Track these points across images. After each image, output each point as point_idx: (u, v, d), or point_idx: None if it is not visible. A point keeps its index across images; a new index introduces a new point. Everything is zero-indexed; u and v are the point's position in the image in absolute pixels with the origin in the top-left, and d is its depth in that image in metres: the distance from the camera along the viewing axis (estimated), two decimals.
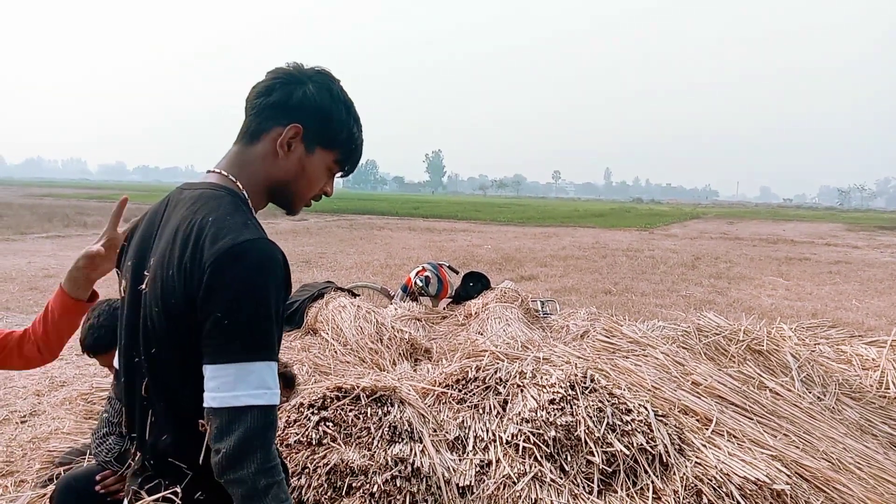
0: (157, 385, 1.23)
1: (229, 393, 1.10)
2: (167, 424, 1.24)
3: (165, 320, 1.17)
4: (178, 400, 1.22)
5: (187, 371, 1.18)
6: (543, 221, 34.84)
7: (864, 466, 2.72)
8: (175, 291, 1.15)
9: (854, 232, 34.03)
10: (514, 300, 5.68)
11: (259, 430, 1.10)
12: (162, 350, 1.20)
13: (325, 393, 2.42)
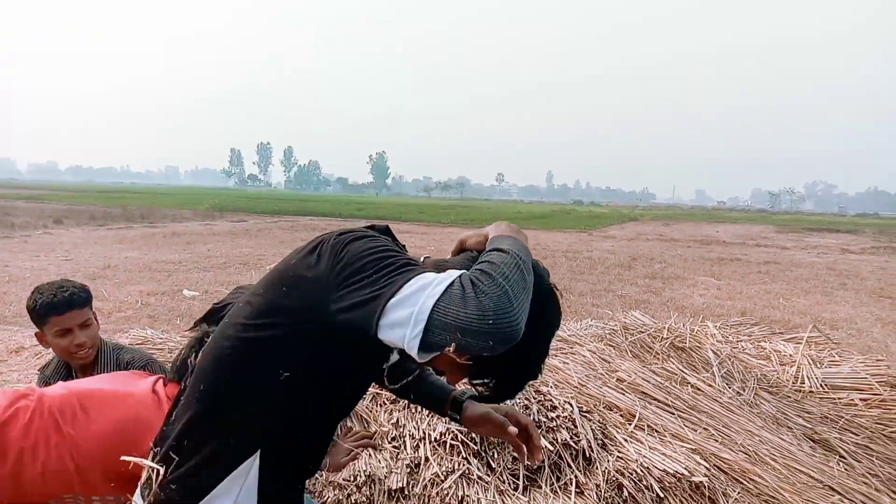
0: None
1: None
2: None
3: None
4: None
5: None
6: (487, 223, 34.92)
7: (778, 458, 2.85)
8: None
9: (783, 234, 35.41)
10: None
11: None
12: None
13: None
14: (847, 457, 2.97)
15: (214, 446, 1.21)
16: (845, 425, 3.12)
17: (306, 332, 1.16)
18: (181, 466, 1.22)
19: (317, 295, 1.14)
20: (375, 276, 1.10)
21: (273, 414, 1.21)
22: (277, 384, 1.18)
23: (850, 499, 2.70)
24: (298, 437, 1.27)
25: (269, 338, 1.18)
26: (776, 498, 2.59)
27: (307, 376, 1.20)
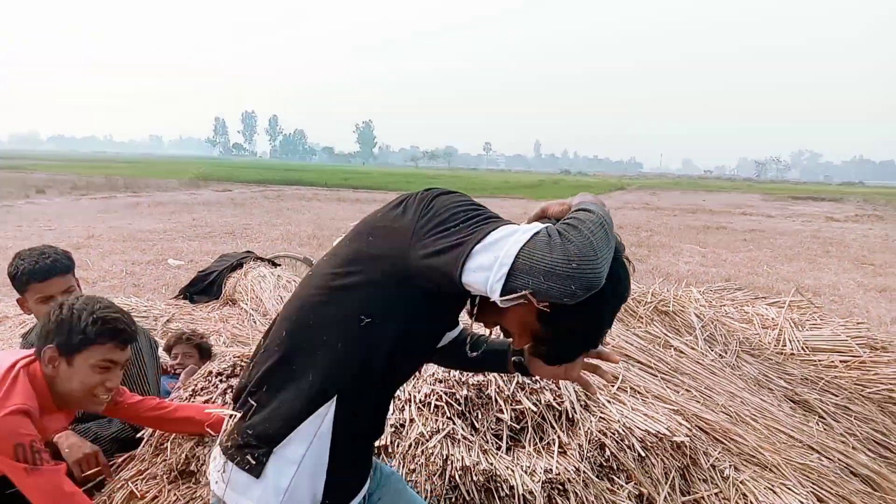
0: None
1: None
2: None
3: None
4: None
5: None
6: (475, 192, 34.77)
7: (759, 418, 2.89)
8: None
9: (769, 202, 35.62)
10: None
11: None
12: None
13: (234, 361, 2.40)
14: (826, 417, 3.02)
15: (293, 391, 1.25)
16: (825, 386, 3.17)
17: (388, 278, 1.21)
18: (259, 412, 1.27)
19: (402, 242, 1.19)
20: (462, 225, 1.15)
21: (351, 360, 1.24)
22: (358, 329, 1.22)
23: (828, 457, 2.75)
24: (373, 387, 1.30)
25: (353, 284, 1.23)
26: (756, 457, 2.64)
27: (385, 323, 1.24)
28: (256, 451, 1.25)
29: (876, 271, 11.83)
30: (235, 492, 1.28)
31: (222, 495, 1.30)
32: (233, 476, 1.28)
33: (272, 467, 1.25)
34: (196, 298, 5.31)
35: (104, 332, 1.85)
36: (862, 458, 2.78)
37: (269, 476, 1.25)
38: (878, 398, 3.18)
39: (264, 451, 1.25)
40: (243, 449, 1.27)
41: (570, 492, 2.19)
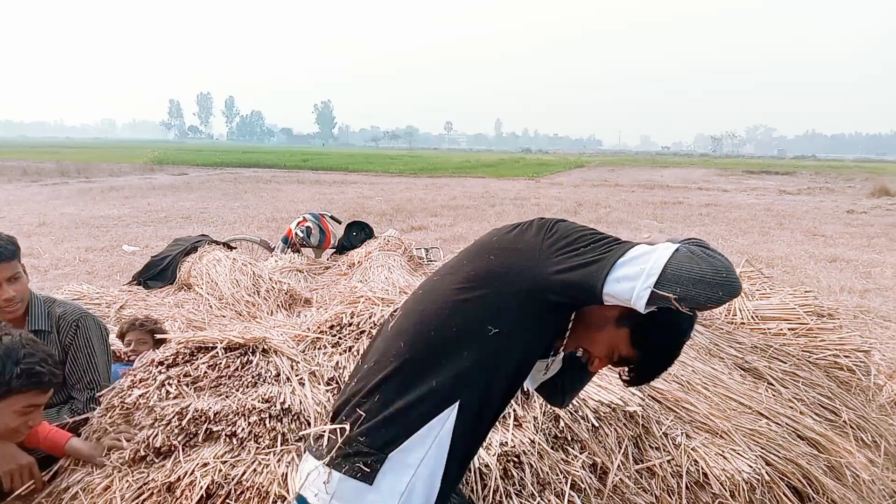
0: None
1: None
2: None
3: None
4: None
5: None
6: (436, 172, 35.00)
7: (710, 386, 2.96)
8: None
9: (724, 177, 36.28)
10: (398, 248, 5.72)
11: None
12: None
13: (177, 349, 2.38)
14: (775, 383, 3.11)
15: (410, 399, 1.29)
16: (774, 354, 3.26)
17: (517, 293, 1.30)
18: (370, 420, 1.30)
19: (529, 261, 1.30)
20: (592, 245, 1.28)
21: (476, 369, 1.31)
22: (486, 339, 1.30)
23: (776, 422, 2.83)
24: (492, 393, 1.35)
25: (480, 297, 1.31)
26: (707, 424, 2.71)
27: (512, 335, 1.31)
28: (369, 458, 1.27)
29: (826, 242, 12.17)
30: (342, 501, 1.28)
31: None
32: (340, 486, 1.28)
33: (387, 473, 1.27)
34: (150, 284, 5.21)
35: (27, 384, 1.82)
36: (808, 422, 2.87)
37: (383, 481, 1.26)
38: (825, 364, 3.29)
39: (378, 457, 1.27)
40: (352, 458, 1.28)
41: (526, 463, 2.22)
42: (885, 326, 6.60)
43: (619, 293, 1.22)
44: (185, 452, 2.14)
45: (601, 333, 1.41)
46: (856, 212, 17.81)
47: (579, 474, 2.26)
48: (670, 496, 2.45)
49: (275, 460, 2.14)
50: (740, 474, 2.48)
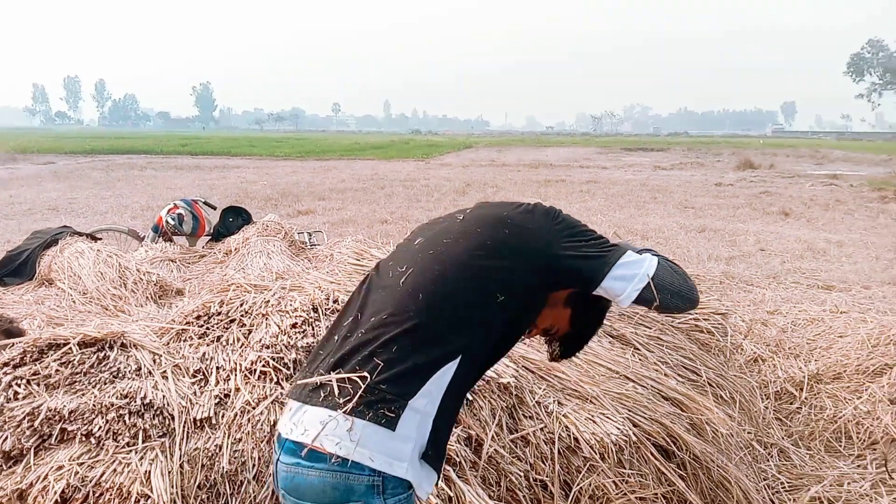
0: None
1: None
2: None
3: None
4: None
5: None
6: (324, 155, 34.43)
7: (580, 354, 3.06)
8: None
9: (604, 154, 37.74)
10: (278, 233, 5.57)
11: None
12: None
13: (24, 348, 2.22)
14: (641, 348, 3.26)
15: (429, 352, 1.39)
16: (640, 320, 3.43)
17: (528, 268, 1.47)
18: (389, 370, 1.36)
19: (540, 240, 1.50)
20: (594, 241, 1.52)
21: (481, 329, 1.45)
22: (494, 304, 1.45)
23: (642, 385, 2.98)
24: (490, 352, 1.53)
25: (495, 267, 1.46)
26: (578, 391, 2.81)
27: (514, 303, 1.47)
28: (393, 405, 1.34)
29: (696, 214, 12.91)
30: (368, 448, 1.32)
31: (349, 454, 1.31)
32: (365, 432, 1.32)
33: (405, 419, 1.35)
34: (7, 281, 4.83)
35: None
36: (672, 384, 3.04)
37: (402, 427, 1.34)
38: (686, 327, 3.49)
39: (400, 403, 1.34)
40: (376, 405, 1.33)
41: None
42: (748, 290, 7.08)
43: (612, 289, 1.48)
44: (37, 456, 2.01)
45: (550, 310, 1.61)
46: (723, 184, 19.01)
47: (454, 448, 2.29)
48: (543, 462, 2.53)
49: (136, 458, 2.05)
50: (609, 437, 2.59)
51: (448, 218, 1.65)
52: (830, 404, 3.92)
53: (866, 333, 4.38)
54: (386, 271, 1.56)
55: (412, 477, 1.37)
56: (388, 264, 1.59)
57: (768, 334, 4.90)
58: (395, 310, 1.44)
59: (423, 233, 1.64)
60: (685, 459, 2.77)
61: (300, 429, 1.38)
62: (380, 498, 1.33)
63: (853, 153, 37.01)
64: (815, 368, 4.24)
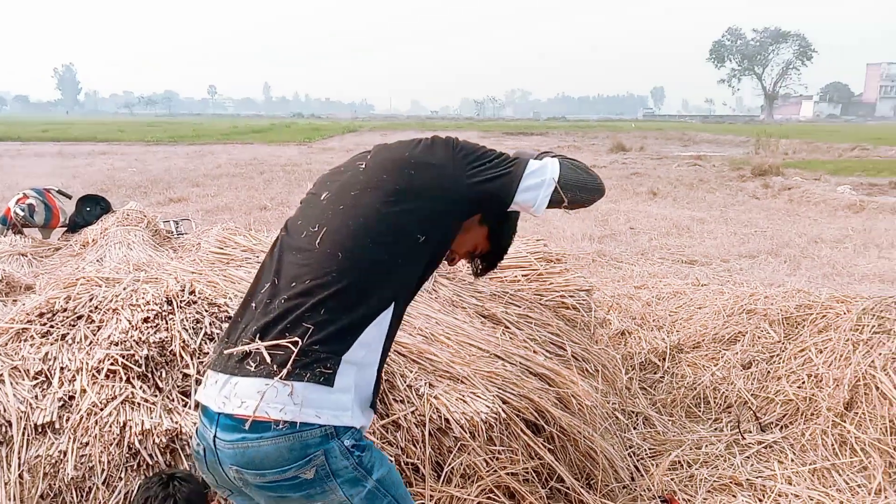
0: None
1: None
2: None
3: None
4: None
5: None
6: (199, 140, 33.01)
7: (452, 335, 3.09)
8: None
9: (486, 139, 38.22)
10: (140, 222, 5.25)
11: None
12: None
13: None
14: (511, 326, 3.32)
15: (359, 307, 1.41)
16: (510, 300, 3.49)
17: (441, 203, 1.51)
18: (321, 331, 1.37)
19: (447, 174, 1.53)
20: (496, 160, 1.58)
21: (406, 271, 1.49)
22: (416, 245, 1.48)
23: (511, 362, 3.03)
24: (418, 284, 1.58)
25: (409, 210, 1.48)
26: (449, 371, 2.82)
27: (434, 239, 1.52)
28: (328, 363, 1.37)
29: None
30: (312, 407, 1.35)
31: (295, 417, 1.34)
32: (305, 393, 1.35)
33: (342, 373, 1.38)
34: None
35: None
36: (539, 359, 3.11)
37: (339, 381, 1.38)
38: (553, 304, 3.59)
39: (335, 360, 1.38)
40: (312, 365, 1.36)
41: None
42: (618, 267, 7.42)
43: (525, 201, 1.55)
44: None
45: (467, 234, 1.67)
46: (597, 166, 19.74)
47: None
48: (415, 446, 2.53)
49: None
50: (479, 415, 2.61)
51: (350, 167, 1.62)
52: (690, 372, 4.16)
53: (722, 304, 4.67)
54: (297, 231, 1.54)
55: (357, 422, 1.44)
56: (297, 223, 1.56)
57: (635, 308, 5.14)
58: (317, 273, 1.43)
59: (327, 186, 1.61)
60: (553, 433, 2.86)
61: (236, 401, 1.36)
62: (335, 440, 1.38)
63: (716, 135, 39.51)
64: (677, 339, 4.49)
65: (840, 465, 3.20)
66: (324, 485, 1.38)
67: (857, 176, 17.00)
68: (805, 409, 3.58)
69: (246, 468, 1.37)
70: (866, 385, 3.40)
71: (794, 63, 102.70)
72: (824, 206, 12.06)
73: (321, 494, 1.39)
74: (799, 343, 3.92)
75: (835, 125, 69.03)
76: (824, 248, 8.50)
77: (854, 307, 3.88)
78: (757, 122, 72.81)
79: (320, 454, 1.36)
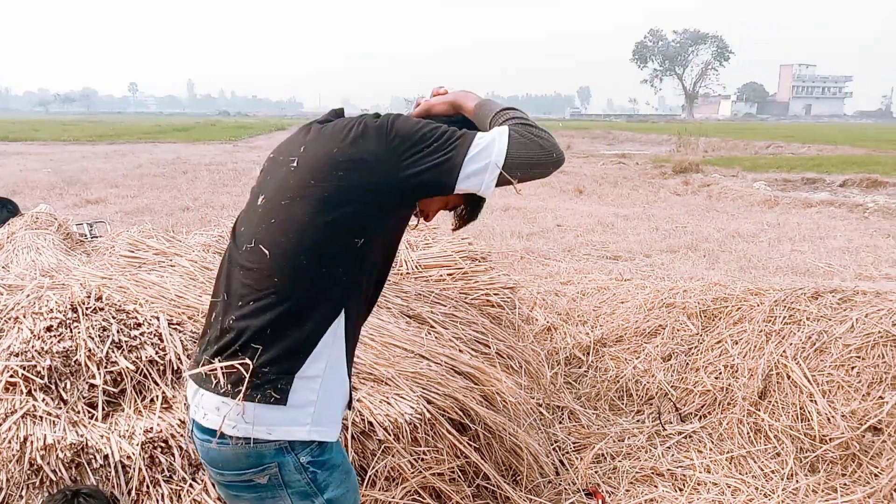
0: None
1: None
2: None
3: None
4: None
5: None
6: (119, 139, 31.85)
7: (377, 337, 3.05)
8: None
9: None
10: (50, 225, 4.99)
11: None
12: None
13: None
14: (436, 326, 3.32)
15: (306, 323, 1.38)
16: (435, 298, 3.48)
17: (374, 202, 1.40)
18: (270, 350, 1.36)
19: (382, 169, 1.39)
20: (435, 144, 1.40)
21: (352, 278, 1.42)
22: (355, 250, 1.41)
23: (436, 362, 3.02)
24: (365, 293, 1.51)
25: (342, 216, 1.38)
26: (373, 373, 2.79)
27: (375, 239, 1.44)
28: (278, 384, 1.36)
29: (501, 194, 13.34)
30: (264, 424, 1.36)
31: (248, 434, 1.37)
32: (257, 412, 1.36)
33: (297, 390, 1.37)
34: None
35: None
36: (465, 358, 3.11)
37: (294, 398, 1.37)
38: (478, 303, 3.60)
39: (286, 379, 1.36)
40: (262, 387, 1.35)
41: (175, 447, 2.07)
42: (546, 264, 7.52)
43: (469, 188, 1.41)
44: None
45: (430, 199, 1.55)
46: None
47: None
48: None
49: None
50: (403, 417, 2.59)
51: (286, 160, 1.50)
52: (613, 366, 4.26)
53: (643, 298, 4.79)
54: (241, 242, 1.49)
55: (319, 435, 1.42)
56: (241, 230, 1.52)
57: (560, 304, 5.22)
58: (259, 296, 1.40)
59: (266, 183, 1.53)
60: (478, 431, 2.86)
61: (201, 412, 1.43)
62: (291, 455, 1.40)
63: (639, 134, 40.61)
64: (601, 333, 4.58)
65: (755, 452, 3.32)
66: (275, 492, 1.42)
67: (772, 172, 17.78)
68: (722, 399, 3.70)
69: (210, 466, 1.46)
70: (778, 374, 3.54)
71: (713, 63, 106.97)
72: (741, 202, 12.57)
73: (272, 499, 1.44)
74: (716, 335, 4.05)
75: (751, 124, 72.23)
76: (741, 243, 8.85)
77: (767, 299, 4.04)
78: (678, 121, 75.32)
79: (274, 465, 1.40)
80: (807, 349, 3.50)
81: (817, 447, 3.17)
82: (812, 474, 3.13)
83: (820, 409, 3.25)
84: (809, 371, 3.40)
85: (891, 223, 10.33)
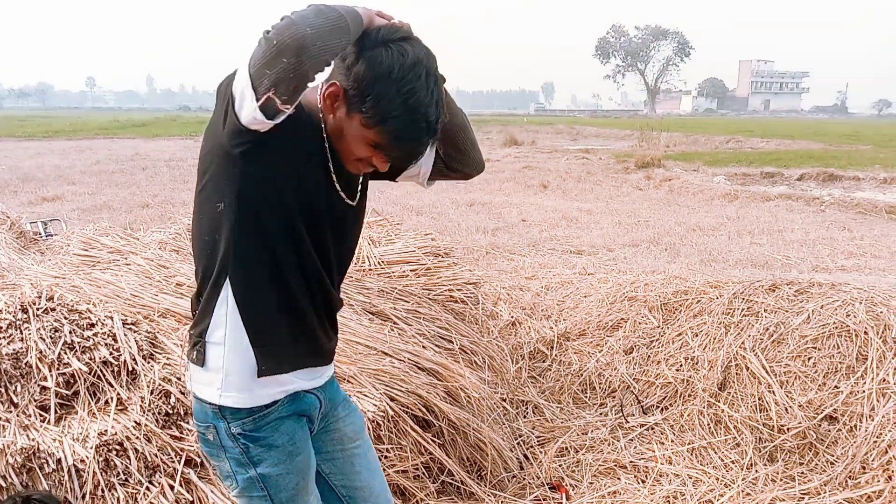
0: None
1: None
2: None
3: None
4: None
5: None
6: (76, 135, 31.12)
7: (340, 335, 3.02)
8: None
9: None
10: (2, 223, 4.86)
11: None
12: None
13: None
14: (399, 322, 3.30)
15: (204, 287, 1.48)
16: (398, 295, 3.46)
17: (220, 163, 1.37)
18: (194, 318, 1.53)
19: (217, 134, 1.35)
20: (226, 89, 1.33)
21: (224, 245, 1.41)
22: (217, 214, 1.40)
23: (399, 359, 3.01)
24: (260, 263, 1.44)
25: (205, 184, 1.42)
26: (335, 371, 2.76)
27: (233, 200, 1.38)
28: (198, 346, 1.50)
29: (466, 189, 13.48)
30: (198, 382, 1.53)
31: (190, 388, 1.57)
32: (191, 372, 1.54)
33: (209, 354, 1.48)
34: None
35: None
36: (428, 354, 3.10)
37: (208, 361, 1.49)
38: (442, 299, 3.59)
39: (201, 342, 1.49)
40: (193, 349, 1.51)
41: (130, 449, 2.02)
42: (511, 259, 7.54)
43: (250, 122, 1.26)
44: None
45: (346, 136, 1.39)
46: (491, 160, 20.04)
47: (193, 449, 2.13)
48: None
49: None
50: (366, 414, 2.57)
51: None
52: (576, 359, 4.28)
53: (606, 292, 4.84)
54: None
55: (233, 401, 1.48)
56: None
57: (525, 299, 5.24)
58: (194, 268, 1.55)
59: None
60: (442, 427, 2.86)
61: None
62: (223, 422, 1.50)
63: (603, 129, 40.98)
64: (564, 327, 4.60)
65: (715, 443, 3.37)
66: (218, 451, 1.55)
67: (732, 167, 18.07)
68: (683, 390, 3.75)
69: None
70: (737, 366, 3.60)
71: (674, 59, 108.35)
72: (702, 196, 12.76)
73: (217, 458, 1.57)
74: (676, 327, 4.10)
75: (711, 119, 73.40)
76: (701, 236, 8.98)
77: (726, 291, 4.10)
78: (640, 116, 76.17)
79: (212, 427, 1.53)
80: (765, 341, 3.57)
81: (776, 437, 3.23)
82: (771, 464, 3.19)
83: (778, 400, 3.31)
84: (767, 362, 3.46)
85: (846, 216, 10.59)
